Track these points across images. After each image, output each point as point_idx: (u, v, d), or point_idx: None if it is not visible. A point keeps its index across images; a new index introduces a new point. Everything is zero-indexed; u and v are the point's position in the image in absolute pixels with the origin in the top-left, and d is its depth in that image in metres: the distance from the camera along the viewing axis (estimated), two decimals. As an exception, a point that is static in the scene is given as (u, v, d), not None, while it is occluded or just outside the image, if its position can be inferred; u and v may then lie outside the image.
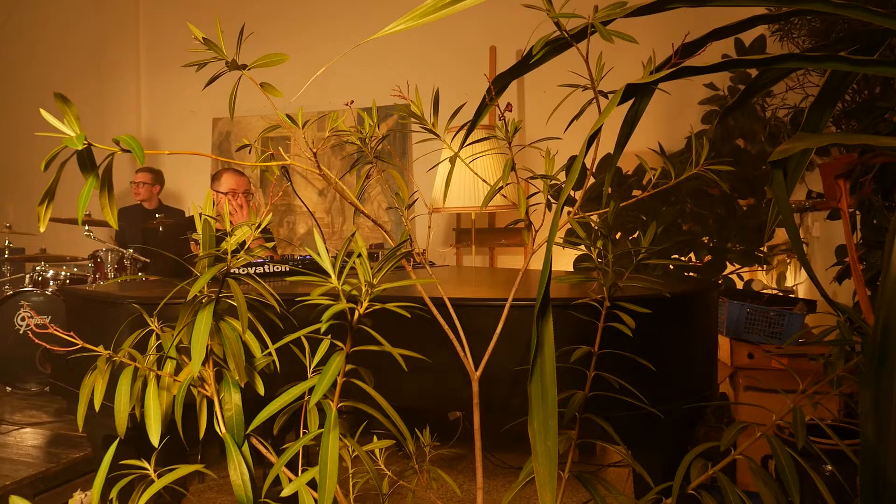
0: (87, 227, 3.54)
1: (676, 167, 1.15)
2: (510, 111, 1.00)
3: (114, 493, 0.90)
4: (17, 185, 5.94)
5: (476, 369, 1.19)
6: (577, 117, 1.10)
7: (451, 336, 1.15)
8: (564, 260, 3.69)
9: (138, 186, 4.53)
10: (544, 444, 0.86)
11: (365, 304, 0.79)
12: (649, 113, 1.08)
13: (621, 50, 1.21)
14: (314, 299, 0.79)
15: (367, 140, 1.32)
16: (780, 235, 3.88)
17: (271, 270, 2.13)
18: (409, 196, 1.30)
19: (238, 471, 1.01)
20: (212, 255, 1.11)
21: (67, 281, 3.67)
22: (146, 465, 0.97)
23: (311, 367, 1.16)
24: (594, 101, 1.06)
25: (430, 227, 1.80)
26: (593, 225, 1.14)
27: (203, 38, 1.17)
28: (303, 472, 0.95)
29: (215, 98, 5.52)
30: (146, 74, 5.82)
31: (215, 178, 3.11)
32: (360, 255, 0.80)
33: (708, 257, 3.39)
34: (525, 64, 1.05)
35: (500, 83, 1.07)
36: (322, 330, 0.78)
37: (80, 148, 0.73)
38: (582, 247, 1.34)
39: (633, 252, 1.16)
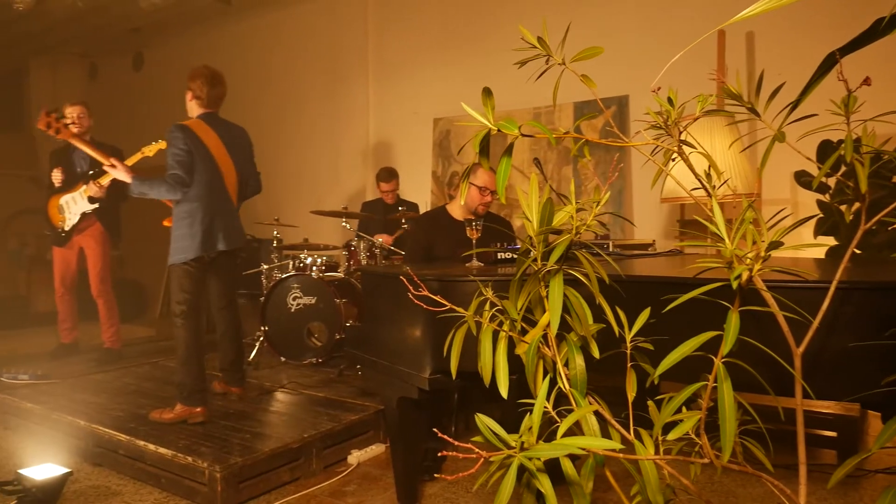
0: (344, 220, 3.99)
1: None
2: (868, 85, 1.01)
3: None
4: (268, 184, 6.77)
5: (798, 346, 1.21)
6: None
7: (779, 316, 1.18)
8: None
9: (387, 194, 4.90)
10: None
11: (758, 266, 0.86)
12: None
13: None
14: (706, 263, 0.88)
15: (670, 124, 1.39)
16: None
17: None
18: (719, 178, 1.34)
19: (587, 421, 1.13)
20: (550, 230, 1.25)
21: (324, 267, 4.16)
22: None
23: (631, 335, 1.26)
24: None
25: (679, 219, 1.81)
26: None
27: (538, 38, 1.31)
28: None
29: (435, 100, 5.90)
30: (374, 80, 6.36)
31: (472, 170, 3.02)
32: (753, 220, 0.88)
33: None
34: (871, 36, 1.07)
35: (846, 52, 1.08)
36: (734, 284, 0.86)
37: (515, 132, 0.88)
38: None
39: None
